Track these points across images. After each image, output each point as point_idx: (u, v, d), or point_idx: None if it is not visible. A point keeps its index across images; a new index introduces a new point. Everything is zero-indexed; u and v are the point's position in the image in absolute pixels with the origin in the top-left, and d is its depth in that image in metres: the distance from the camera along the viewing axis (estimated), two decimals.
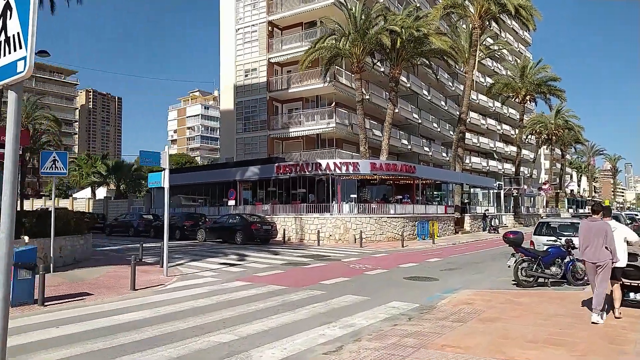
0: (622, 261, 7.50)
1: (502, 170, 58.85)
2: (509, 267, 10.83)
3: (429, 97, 45.66)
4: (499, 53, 59.63)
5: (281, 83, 34.99)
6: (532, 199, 54.56)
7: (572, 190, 76.76)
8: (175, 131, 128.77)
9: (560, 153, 64.78)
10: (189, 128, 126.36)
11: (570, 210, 58.93)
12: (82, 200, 41.56)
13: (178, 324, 7.11)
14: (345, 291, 9.96)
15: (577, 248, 10.27)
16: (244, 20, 36.54)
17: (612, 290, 7.50)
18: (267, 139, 34.83)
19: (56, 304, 8.43)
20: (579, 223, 11.61)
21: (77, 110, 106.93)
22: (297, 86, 34.06)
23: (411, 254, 18.70)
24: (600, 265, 7.27)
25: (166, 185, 11.87)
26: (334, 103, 33.05)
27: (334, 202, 24.29)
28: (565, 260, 11.02)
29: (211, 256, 16.70)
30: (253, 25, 36.04)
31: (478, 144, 55.11)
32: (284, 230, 24.01)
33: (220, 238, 23.00)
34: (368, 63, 32.25)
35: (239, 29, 36.60)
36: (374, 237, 23.76)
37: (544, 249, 11.39)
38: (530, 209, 50.21)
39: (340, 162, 24.04)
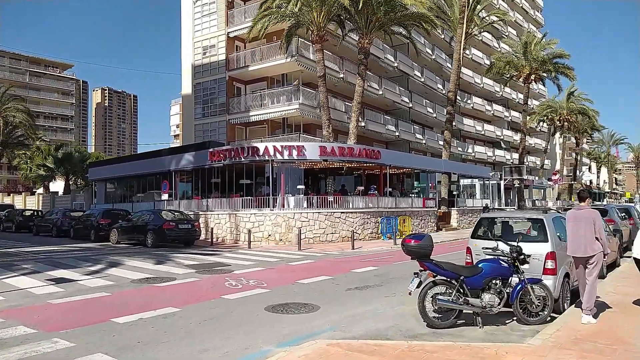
0: None
1: (510, 161, 53.56)
2: (410, 294, 6.48)
3: (423, 79, 40.74)
4: (507, 33, 54.57)
5: (243, 60, 30.72)
6: (542, 191, 49.32)
7: (590, 182, 70.94)
8: (177, 126, 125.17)
9: (574, 141, 59.06)
10: None
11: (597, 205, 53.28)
12: (35, 196, 38.23)
13: None
14: (84, 350, 5.77)
15: (528, 262, 6.04)
16: None
17: None
18: (227, 124, 30.71)
19: None
20: (540, 219, 7.28)
21: (73, 104, 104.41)
22: (258, 63, 29.74)
23: (347, 260, 14.37)
24: (591, 258, 6.50)
25: None
26: (296, 81, 28.73)
27: (277, 195, 20.02)
28: (512, 281, 6.62)
29: (68, 267, 12.62)
30: None
31: (482, 132, 49.99)
32: (212, 229, 19.86)
33: (133, 239, 19.01)
34: (337, 35, 27.86)
35: (196, 1, 32.47)
36: (324, 236, 19.44)
37: (480, 259, 6.97)
38: (537, 202, 45.04)
39: (281, 146, 19.70)
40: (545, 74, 40.78)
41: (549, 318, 6.61)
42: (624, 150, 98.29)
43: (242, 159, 20.17)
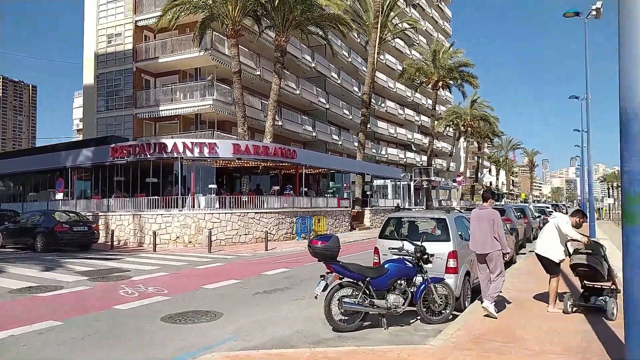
0: (555, 254, 6.81)
1: (420, 163, 56.19)
2: (316, 297, 6.24)
3: (339, 81, 41.31)
4: (418, 41, 57.22)
5: (153, 51, 28.94)
6: (448, 191, 52.34)
7: (490, 183, 76.75)
8: (81, 120, 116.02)
9: (477, 146, 63.51)
10: None
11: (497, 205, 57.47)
12: None
13: None
14: None
15: (431, 262, 6.01)
16: None
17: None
18: (133, 119, 28.79)
19: None
20: (443, 219, 7.38)
21: None
22: (170, 55, 28.23)
23: (258, 262, 13.96)
24: (489, 256, 6.77)
25: None
26: (211, 76, 27.69)
27: (186, 194, 19.01)
28: (417, 281, 6.62)
29: None
30: None
31: (395, 135, 51.83)
32: (113, 231, 18.39)
33: (20, 243, 17.01)
34: (254, 31, 27.28)
35: None
36: (236, 238, 18.79)
37: (386, 260, 6.92)
38: (443, 202, 47.72)
39: (191, 143, 18.73)
40: (451, 82, 43.28)
41: (451, 316, 6.71)
42: (520, 155, 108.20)
43: (148, 156, 18.87)
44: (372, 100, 44.26)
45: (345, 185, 30.37)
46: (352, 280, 6.25)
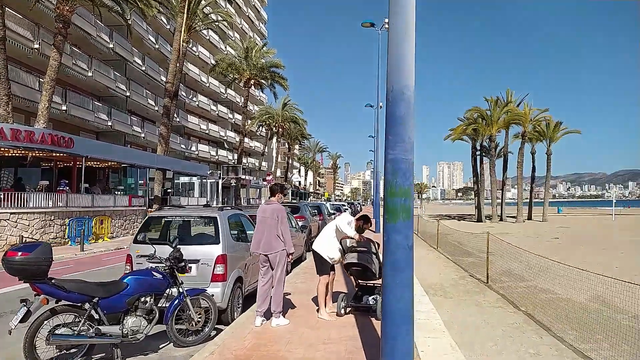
0: (326, 251, 6.37)
1: (232, 161, 55.34)
2: (10, 332, 4.44)
3: (144, 68, 37.49)
4: (233, 37, 56.23)
5: None
6: (258, 190, 52.62)
7: (299, 183, 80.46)
8: None
9: (287, 146, 65.68)
10: None
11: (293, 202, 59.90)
12: None
13: None
14: None
15: (188, 271, 4.77)
16: None
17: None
18: None
19: None
20: (213, 217, 6.24)
21: None
22: None
23: None
24: (272, 257, 5.91)
25: None
26: None
27: None
28: (173, 294, 5.32)
29: None
30: None
31: (207, 131, 49.79)
32: None
33: None
34: None
35: None
36: None
37: (131, 272, 5.44)
38: (252, 200, 47.74)
39: None
40: (264, 81, 43.44)
41: (213, 333, 5.60)
42: (326, 158, 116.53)
43: None
44: (183, 93, 41.66)
45: (142, 181, 27.36)
46: (70, 304, 4.61)
